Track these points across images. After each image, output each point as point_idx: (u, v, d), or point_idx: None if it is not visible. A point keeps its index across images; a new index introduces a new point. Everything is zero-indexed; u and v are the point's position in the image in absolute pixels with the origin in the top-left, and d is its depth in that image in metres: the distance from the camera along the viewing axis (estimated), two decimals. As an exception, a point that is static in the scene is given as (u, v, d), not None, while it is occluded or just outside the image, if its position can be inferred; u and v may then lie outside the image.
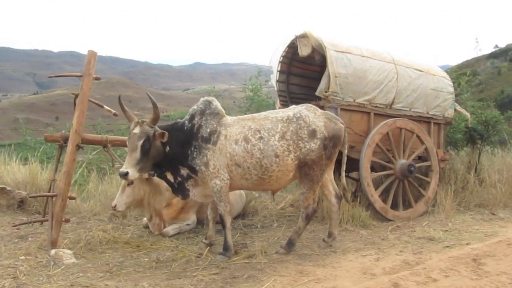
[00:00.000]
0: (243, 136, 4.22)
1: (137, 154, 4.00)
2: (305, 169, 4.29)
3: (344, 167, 4.63)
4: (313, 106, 4.55)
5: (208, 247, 4.49)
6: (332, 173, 4.71)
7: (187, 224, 5.22)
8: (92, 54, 4.73)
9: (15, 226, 4.77)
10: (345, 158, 4.65)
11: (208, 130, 4.24)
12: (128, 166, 3.98)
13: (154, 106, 4.08)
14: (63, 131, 4.85)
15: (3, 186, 5.69)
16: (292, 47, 6.29)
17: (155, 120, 4.11)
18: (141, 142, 4.01)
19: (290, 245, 4.44)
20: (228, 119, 4.38)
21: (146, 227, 5.24)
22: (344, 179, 4.70)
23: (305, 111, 4.41)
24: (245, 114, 7.21)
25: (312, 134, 4.28)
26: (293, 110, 4.45)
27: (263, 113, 4.52)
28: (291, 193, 6.79)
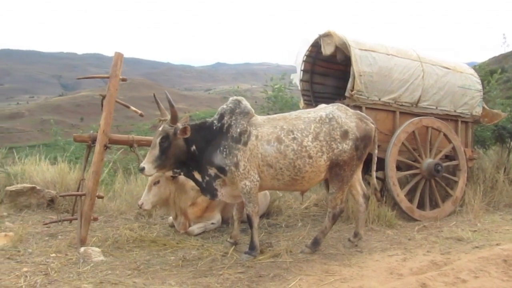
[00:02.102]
0: (275, 136, 4.19)
1: (156, 151, 4.09)
2: (336, 170, 4.27)
3: (374, 167, 4.60)
4: (344, 106, 4.53)
5: (233, 246, 4.51)
6: (360, 173, 4.67)
7: (212, 223, 5.26)
8: (118, 56, 4.80)
9: (46, 224, 4.89)
10: (376, 158, 4.62)
11: (238, 130, 4.21)
12: (146, 162, 4.09)
13: (170, 105, 4.11)
14: (91, 131, 4.95)
15: (34, 185, 5.82)
16: (316, 46, 6.27)
17: (173, 119, 4.12)
18: (159, 139, 4.09)
19: (315, 244, 4.43)
20: (258, 118, 4.36)
21: (172, 226, 5.30)
22: (375, 179, 4.67)
23: (337, 111, 4.38)
24: (268, 114, 7.23)
25: (345, 135, 4.26)
26: (325, 110, 4.41)
27: (293, 113, 4.49)
28: (315, 192, 6.77)
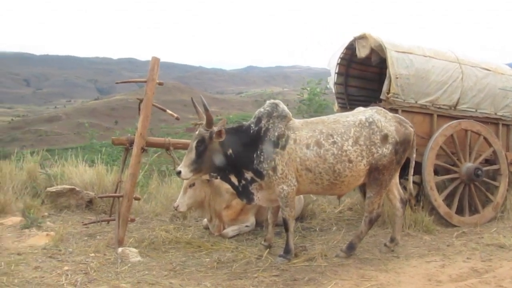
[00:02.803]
0: (314, 140, 4.15)
1: (192, 155, 4.12)
2: (375, 174, 4.22)
3: (411, 171, 4.52)
4: (384, 110, 4.48)
5: (268, 249, 4.51)
6: (398, 177, 4.60)
7: (246, 226, 5.27)
8: (155, 60, 4.88)
9: (85, 224, 5.02)
10: (413, 162, 4.54)
11: (276, 133, 4.18)
12: (182, 166, 4.13)
13: (205, 109, 4.12)
14: (129, 134, 5.06)
15: (73, 187, 5.98)
16: (350, 49, 6.21)
17: (208, 123, 4.13)
18: (195, 143, 4.12)
19: (350, 249, 4.39)
20: (296, 122, 4.33)
21: (206, 228, 5.34)
22: (411, 184, 4.58)
23: (377, 115, 4.32)
24: (303, 117, 7.21)
25: (384, 139, 4.21)
26: (364, 114, 4.36)
27: (332, 116, 4.46)
28: (350, 196, 6.69)
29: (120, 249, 4.33)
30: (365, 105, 5.09)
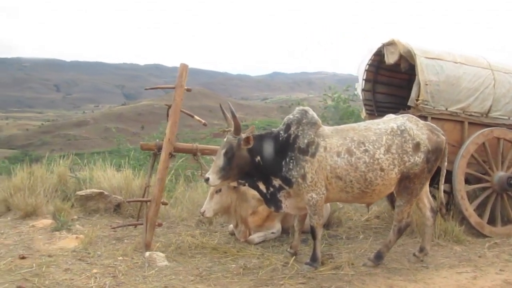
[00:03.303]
0: (346, 148, 4.10)
1: (220, 161, 4.10)
2: (405, 182, 4.15)
3: (443, 180, 4.43)
4: (415, 117, 4.41)
5: (294, 257, 4.48)
6: (428, 186, 4.51)
7: (272, 232, 5.25)
8: (184, 67, 4.94)
9: (114, 228, 5.10)
10: (444, 171, 4.45)
11: (306, 141, 4.13)
12: (211, 173, 4.13)
13: (233, 116, 4.11)
14: (157, 140, 5.12)
15: (102, 190, 6.08)
16: (379, 55, 6.14)
17: (236, 130, 4.11)
18: (223, 150, 4.11)
19: (378, 258, 4.32)
20: (326, 129, 4.29)
21: (232, 234, 5.35)
22: (442, 193, 4.49)
23: (409, 123, 4.26)
24: (328, 123, 7.16)
25: (416, 147, 4.14)
26: (396, 121, 4.29)
27: (362, 124, 4.41)
28: (377, 204, 6.59)
29: (147, 253, 4.38)
30: (393, 112, 5.03)
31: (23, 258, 4.18)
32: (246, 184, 4.41)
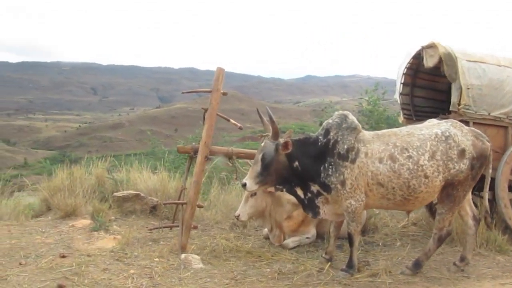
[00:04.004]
0: (388, 154, 4.00)
1: (257, 167, 4.07)
2: (449, 190, 4.04)
3: (487, 188, 4.29)
4: (459, 123, 4.28)
5: (329, 263, 4.42)
6: (471, 193, 4.37)
7: (307, 237, 5.20)
8: (220, 71, 4.96)
9: (150, 230, 5.16)
10: (489, 178, 4.30)
11: (346, 146, 4.05)
12: (248, 178, 4.10)
13: (271, 121, 4.07)
14: (193, 143, 5.16)
15: (138, 192, 6.17)
16: (417, 58, 5.99)
17: (274, 135, 4.07)
18: (261, 155, 4.07)
19: (417, 266, 4.21)
20: (366, 134, 4.20)
21: (267, 238, 5.32)
22: (487, 201, 4.34)
23: (453, 128, 4.13)
24: (363, 128, 7.02)
25: (461, 154, 4.02)
26: (439, 127, 4.17)
27: (404, 129, 4.29)
28: (413, 211, 6.44)
29: (183, 255, 4.42)
30: (432, 117, 4.90)
31: (63, 257, 4.30)
32: (284, 190, 4.36)
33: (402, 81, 6.31)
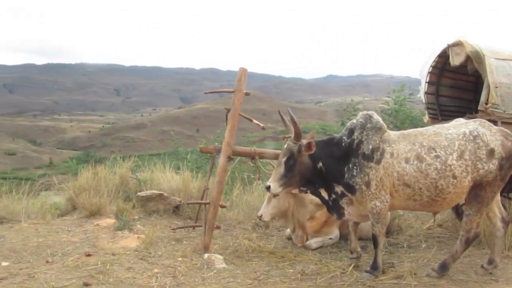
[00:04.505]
0: (415, 154, 3.93)
1: (281, 169, 4.06)
2: (477, 191, 3.94)
3: None
4: (488, 122, 4.18)
5: (357, 260, 4.35)
6: (499, 195, 4.26)
7: (330, 238, 5.15)
8: (242, 71, 4.96)
9: (173, 229, 5.20)
10: None
11: (370, 146, 4.00)
12: (272, 180, 4.09)
13: (293, 122, 4.04)
14: (216, 143, 5.17)
15: (161, 192, 6.22)
16: (443, 57, 5.89)
17: (297, 136, 4.05)
18: (284, 158, 4.06)
19: (443, 268, 4.12)
20: (391, 134, 4.14)
21: (289, 238, 5.30)
22: None
23: (481, 128, 4.03)
24: (388, 128, 6.92)
25: (490, 154, 3.92)
26: (467, 126, 4.08)
27: (431, 128, 4.21)
28: (439, 212, 6.32)
29: (206, 255, 4.43)
30: (458, 116, 4.79)
31: (88, 255, 4.36)
32: (308, 191, 4.33)
33: (427, 80, 6.20)
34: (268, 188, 4.11)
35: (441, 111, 6.28)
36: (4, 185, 6.18)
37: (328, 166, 4.10)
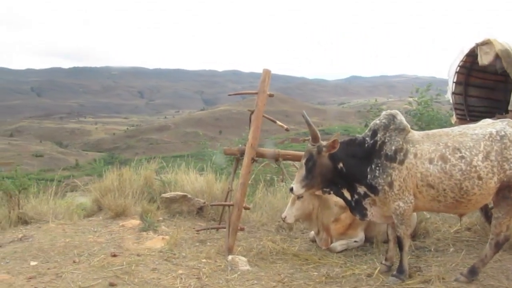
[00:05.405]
0: (439, 154, 3.86)
1: (302, 171, 4.10)
2: (505, 192, 3.83)
3: None
4: None
5: (385, 267, 4.26)
6: None
7: (355, 241, 5.08)
8: (266, 72, 4.95)
9: (197, 231, 5.22)
10: None
11: (393, 147, 3.96)
12: (295, 182, 4.13)
13: (308, 124, 4.07)
14: (240, 145, 5.17)
15: (185, 193, 6.26)
16: (471, 56, 5.74)
17: (314, 138, 4.07)
18: (304, 160, 4.10)
19: (472, 273, 4.01)
20: (415, 134, 4.07)
21: (313, 241, 5.25)
22: None
23: (509, 128, 3.91)
24: (412, 129, 6.79)
25: None
26: (494, 126, 3.98)
27: (456, 129, 4.12)
28: (467, 215, 6.15)
29: (230, 257, 4.43)
30: (488, 117, 4.66)
31: (114, 256, 4.41)
32: (331, 192, 4.32)
33: (455, 80, 6.06)
34: (291, 189, 4.14)
35: (470, 112, 6.13)
36: (32, 187, 6.31)
37: (349, 166, 4.09)
